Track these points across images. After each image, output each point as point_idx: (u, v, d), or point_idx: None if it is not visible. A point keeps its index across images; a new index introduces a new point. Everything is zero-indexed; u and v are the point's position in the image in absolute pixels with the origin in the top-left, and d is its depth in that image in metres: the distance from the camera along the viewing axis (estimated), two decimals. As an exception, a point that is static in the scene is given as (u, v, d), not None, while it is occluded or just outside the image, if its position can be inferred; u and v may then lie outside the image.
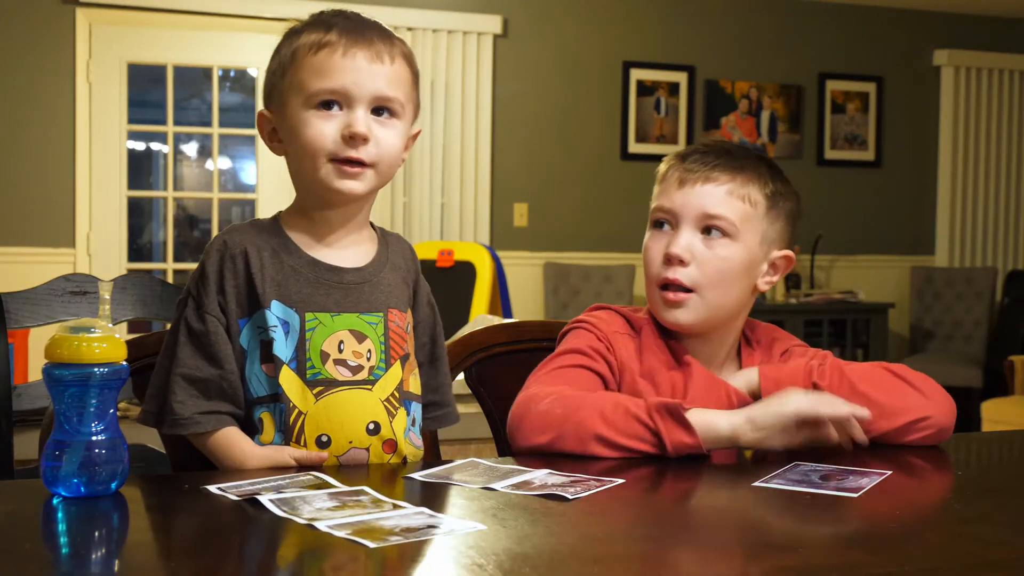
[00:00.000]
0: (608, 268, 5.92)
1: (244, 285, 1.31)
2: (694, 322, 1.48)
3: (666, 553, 0.98)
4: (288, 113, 1.31)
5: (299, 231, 1.36)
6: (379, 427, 1.31)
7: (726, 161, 1.50)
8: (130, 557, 0.96)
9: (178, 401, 1.28)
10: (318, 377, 1.29)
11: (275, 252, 1.33)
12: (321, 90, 1.28)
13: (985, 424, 4.71)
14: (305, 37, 1.31)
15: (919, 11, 6.68)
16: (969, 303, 6.38)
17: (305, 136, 1.29)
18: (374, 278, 1.35)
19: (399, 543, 0.94)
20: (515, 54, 5.93)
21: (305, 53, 1.29)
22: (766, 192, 1.50)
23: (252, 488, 1.12)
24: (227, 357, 1.29)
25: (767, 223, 1.50)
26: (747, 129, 6.40)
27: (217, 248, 1.32)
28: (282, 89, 1.32)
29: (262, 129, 1.37)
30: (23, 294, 1.79)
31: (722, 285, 1.48)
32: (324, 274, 1.33)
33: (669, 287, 1.48)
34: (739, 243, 1.48)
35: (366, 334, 1.32)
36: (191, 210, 6.17)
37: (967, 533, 1.06)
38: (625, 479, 1.21)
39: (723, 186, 1.48)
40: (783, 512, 1.14)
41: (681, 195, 1.49)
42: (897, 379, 1.46)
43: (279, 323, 1.29)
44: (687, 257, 1.47)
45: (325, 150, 1.29)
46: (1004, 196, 6.83)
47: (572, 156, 6.07)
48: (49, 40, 5.23)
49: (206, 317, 1.29)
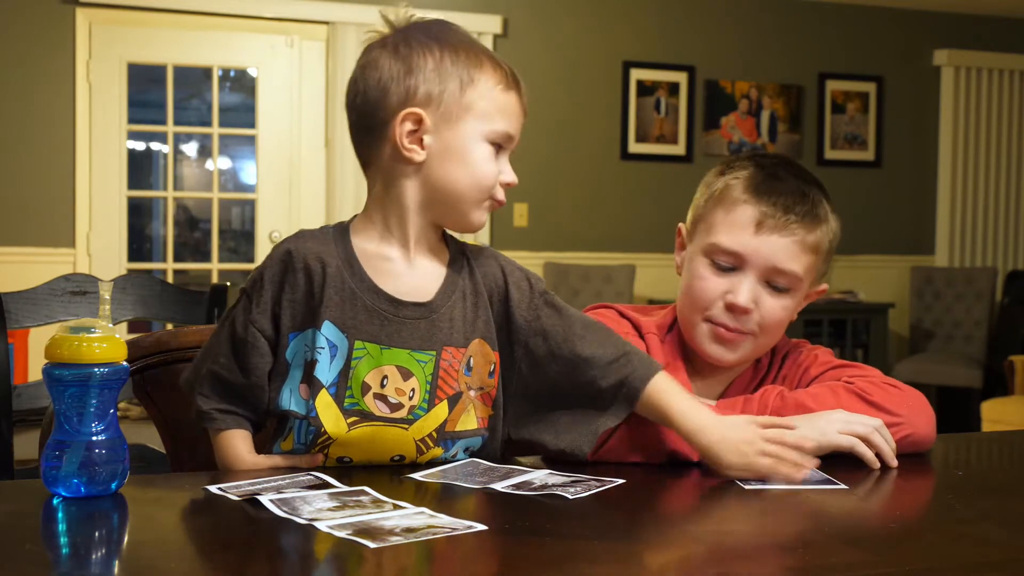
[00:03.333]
0: (608, 268, 5.92)
1: (302, 300, 1.27)
2: (738, 360, 1.48)
3: (666, 553, 0.98)
4: (460, 132, 1.28)
5: (366, 252, 1.30)
6: (403, 458, 1.29)
7: (804, 209, 1.45)
8: (130, 557, 0.96)
9: (202, 394, 1.29)
10: (355, 408, 1.26)
11: (339, 270, 1.28)
12: (503, 132, 1.30)
13: (985, 424, 4.71)
14: (490, 71, 1.30)
15: (919, 11, 6.67)
16: (969, 303, 6.38)
17: (484, 168, 1.30)
18: (434, 313, 1.30)
19: (399, 543, 0.94)
20: (515, 54, 5.92)
21: (494, 85, 1.30)
22: (830, 238, 1.49)
23: (252, 488, 1.12)
24: (257, 370, 1.28)
25: (823, 265, 1.49)
26: (747, 129, 6.40)
27: (281, 257, 1.29)
28: (459, 104, 1.28)
29: (401, 125, 1.28)
30: (23, 294, 1.79)
31: (777, 332, 1.48)
32: (382, 304, 1.28)
33: (725, 327, 1.45)
34: (800, 292, 1.47)
35: (412, 372, 1.28)
36: (191, 210, 6.17)
37: (967, 533, 1.06)
38: (625, 479, 1.21)
39: (797, 238, 1.45)
40: (783, 512, 1.14)
41: (755, 242, 1.44)
42: (852, 394, 1.38)
43: (327, 345, 1.26)
44: (752, 308, 1.45)
45: (490, 188, 1.31)
46: (1004, 196, 6.83)
47: (572, 156, 6.07)
48: (49, 40, 5.23)
49: (250, 327, 1.28)
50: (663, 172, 6.22)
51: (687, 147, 6.27)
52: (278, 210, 5.64)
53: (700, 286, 1.47)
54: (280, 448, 1.30)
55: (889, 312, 6.23)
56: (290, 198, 5.61)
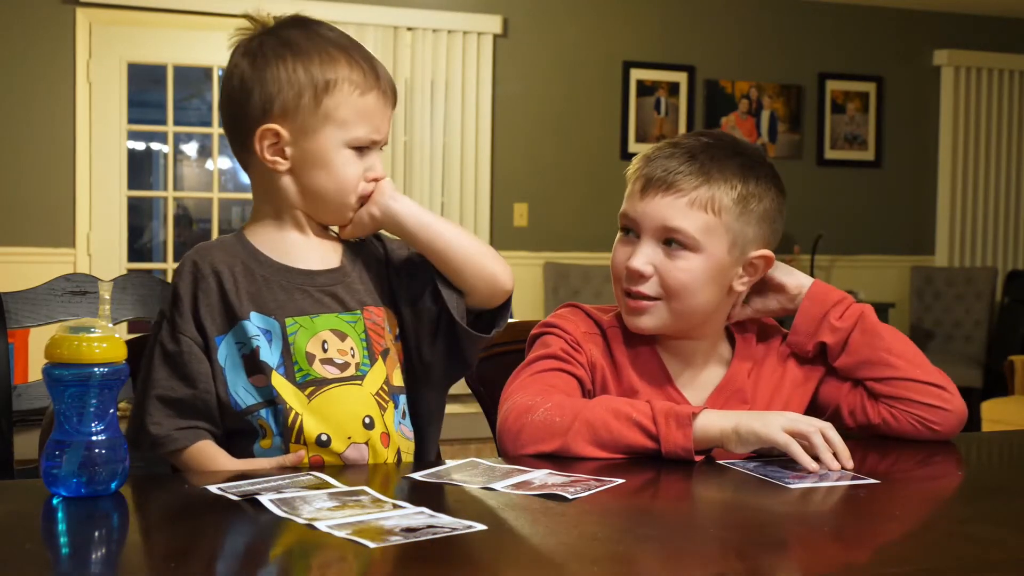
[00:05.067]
0: (608, 268, 5.90)
1: (218, 303, 1.32)
2: (658, 327, 1.48)
3: (666, 553, 0.98)
4: (319, 142, 1.33)
5: (267, 242, 1.37)
6: (374, 422, 1.33)
7: (690, 167, 1.44)
8: (130, 557, 0.96)
9: (154, 423, 1.30)
10: (308, 378, 1.31)
11: (246, 265, 1.35)
12: (364, 138, 1.34)
13: (985, 424, 4.71)
14: (345, 70, 1.32)
15: (919, 11, 6.68)
16: (969, 303, 6.38)
17: (344, 174, 1.34)
18: (347, 277, 1.38)
19: (399, 543, 0.94)
20: (515, 54, 5.93)
21: (352, 90, 1.33)
22: (733, 196, 1.45)
23: (252, 488, 1.12)
24: (202, 376, 1.30)
25: (738, 228, 1.45)
26: (747, 129, 6.41)
27: (189, 269, 1.34)
28: (314, 115, 1.32)
29: (261, 140, 1.33)
30: (23, 294, 1.79)
31: (685, 295, 1.46)
32: (297, 279, 1.35)
33: (631, 295, 1.48)
34: (703, 254, 1.44)
35: (347, 333, 1.34)
36: (191, 210, 6.17)
37: (967, 533, 1.06)
38: (625, 479, 1.21)
39: (684, 196, 1.44)
40: (783, 512, 1.14)
41: (642, 205, 1.47)
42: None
43: (260, 332, 1.31)
44: (648, 271, 1.46)
45: (358, 187, 1.36)
46: (1004, 196, 6.83)
47: (572, 156, 6.07)
48: (49, 40, 5.23)
49: (180, 338, 1.31)
50: (663, 172, 6.20)
51: (687, 147, 6.27)
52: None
53: (613, 258, 1.53)
54: (260, 447, 1.31)
55: (889, 312, 6.23)
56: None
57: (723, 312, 1.52)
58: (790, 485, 1.20)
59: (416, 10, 5.67)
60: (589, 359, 1.49)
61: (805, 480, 1.22)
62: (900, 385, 1.47)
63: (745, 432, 1.31)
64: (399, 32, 5.65)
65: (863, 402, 1.50)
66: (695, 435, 1.30)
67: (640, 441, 1.32)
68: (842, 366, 1.51)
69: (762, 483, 1.22)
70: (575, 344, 1.49)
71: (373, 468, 1.30)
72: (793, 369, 1.53)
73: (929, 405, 1.47)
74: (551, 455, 1.33)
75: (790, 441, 1.29)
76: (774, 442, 1.29)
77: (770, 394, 1.51)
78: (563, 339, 1.49)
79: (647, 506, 1.20)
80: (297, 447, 1.29)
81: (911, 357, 1.50)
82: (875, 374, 1.49)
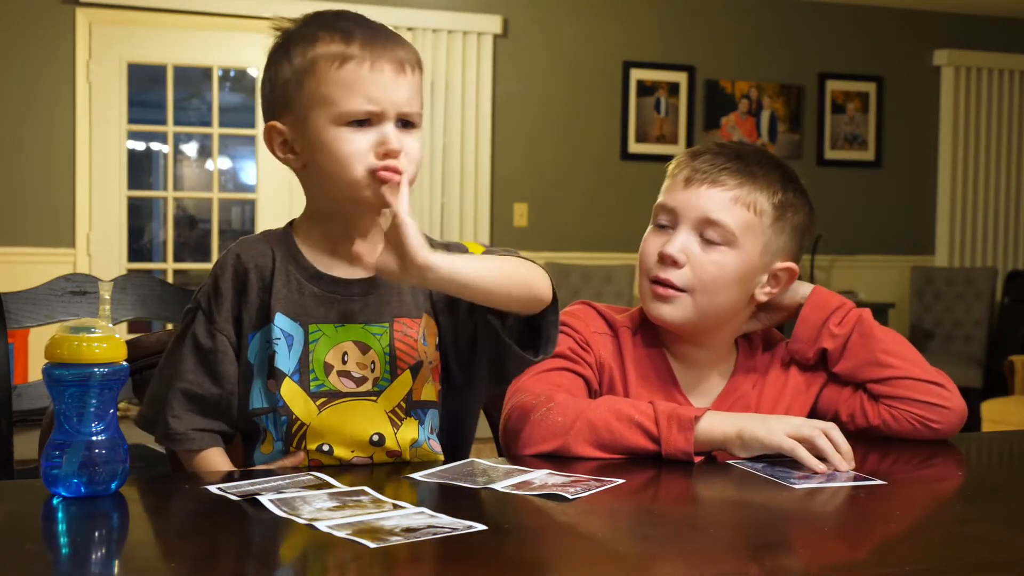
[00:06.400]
0: (608, 268, 5.92)
1: (257, 299, 1.31)
2: (680, 321, 1.48)
3: (666, 553, 0.98)
4: (311, 127, 1.27)
5: (311, 240, 1.34)
6: (383, 439, 1.30)
7: (736, 165, 1.48)
8: (130, 557, 0.96)
9: (174, 415, 1.29)
10: (322, 389, 1.29)
11: (284, 264, 1.32)
12: (355, 111, 1.25)
13: (985, 424, 4.70)
14: (323, 47, 1.27)
15: (919, 11, 6.67)
16: (969, 303, 6.37)
17: (340, 152, 1.25)
18: (381, 287, 1.32)
19: (399, 543, 0.94)
20: (515, 54, 5.93)
21: (328, 66, 1.26)
22: (774, 202, 1.48)
23: (252, 488, 1.12)
24: (229, 377, 1.30)
25: (772, 234, 1.48)
26: (747, 129, 6.40)
27: (231, 263, 1.32)
28: (301, 101, 1.28)
29: (271, 141, 1.32)
30: (23, 294, 1.79)
31: (713, 290, 1.46)
32: (329, 287, 1.31)
33: (660, 283, 1.47)
34: (737, 251, 1.46)
35: (371, 345, 1.31)
36: (191, 210, 6.18)
37: (967, 533, 1.06)
38: (625, 479, 1.21)
39: (729, 191, 1.46)
40: (783, 512, 1.14)
41: (684, 195, 1.48)
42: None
43: (283, 336, 1.29)
44: (681, 259, 1.46)
45: (363, 164, 1.25)
46: (1004, 196, 6.83)
47: (572, 156, 6.07)
48: (49, 40, 5.23)
49: (216, 335, 1.30)
50: (663, 172, 6.20)
51: (687, 147, 6.26)
52: (278, 210, 5.64)
53: (643, 249, 1.52)
54: (260, 452, 1.31)
55: (889, 312, 6.23)
56: (290, 198, 5.60)
57: (738, 321, 1.53)
58: (795, 485, 1.21)
59: (416, 10, 5.67)
60: (597, 359, 1.49)
61: (810, 480, 1.23)
62: (900, 384, 1.48)
63: (749, 438, 1.31)
64: (399, 32, 5.64)
65: (863, 405, 1.51)
66: (698, 438, 1.31)
67: (641, 443, 1.32)
68: (842, 370, 1.51)
69: (764, 483, 1.22)
70: (584, 343, 1.48)
71: (373, 468, 1.30)
72: (795, 376, 1.54)
73: (929, 403, 1.47)
74: (551, 455, 1.33)
75: (795, 446, 1.30)
76: (779, 447, 1.30)
77: (773, 402, 1.52)
78: (572, 338, 1.48)
79: (647, 506, 1.20)
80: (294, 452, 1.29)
81: (909, 357, 1.51)
82: (874, 375, 1.49)
